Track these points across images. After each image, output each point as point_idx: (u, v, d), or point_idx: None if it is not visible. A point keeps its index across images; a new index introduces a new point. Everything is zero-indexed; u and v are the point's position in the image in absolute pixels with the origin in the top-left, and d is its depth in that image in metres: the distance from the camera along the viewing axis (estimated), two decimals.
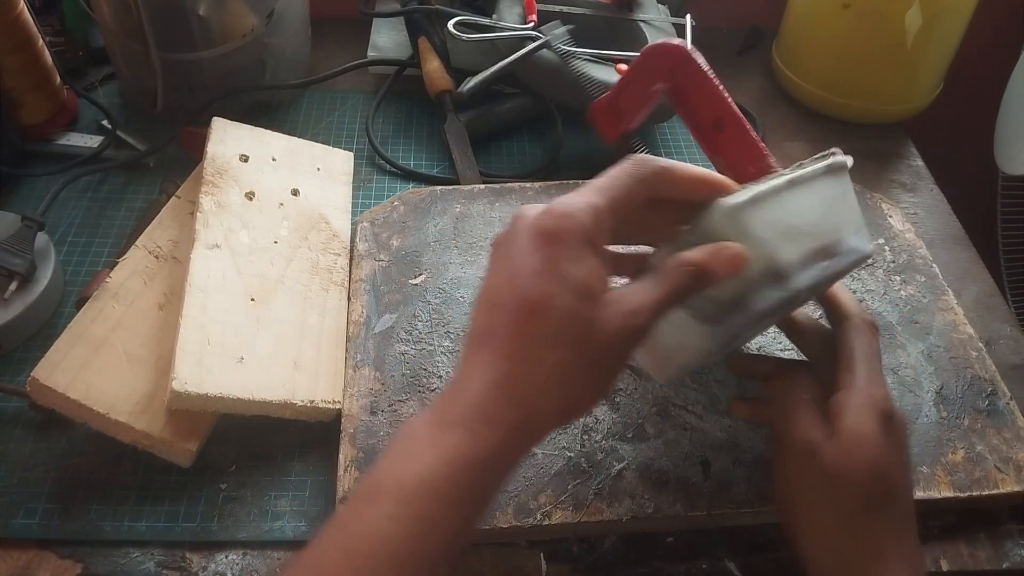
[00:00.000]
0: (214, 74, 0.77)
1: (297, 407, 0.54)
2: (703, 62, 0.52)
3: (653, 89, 0.52)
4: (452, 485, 0.36)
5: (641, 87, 0.52)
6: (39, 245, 0.64)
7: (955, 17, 0.80)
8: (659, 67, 0.51)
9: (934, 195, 0.80)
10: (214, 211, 0.62)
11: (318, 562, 0.35)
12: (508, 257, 0.41)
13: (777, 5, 0.90)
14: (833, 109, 0.86)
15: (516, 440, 0.38)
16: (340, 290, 0.63)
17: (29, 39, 0.72)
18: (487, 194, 0.71)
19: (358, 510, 0.36)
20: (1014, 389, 0.59)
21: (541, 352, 0.38)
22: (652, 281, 0.41)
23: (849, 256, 0.47)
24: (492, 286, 0.41)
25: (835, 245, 0.46)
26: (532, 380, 0.38)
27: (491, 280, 0.41)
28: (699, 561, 0.52)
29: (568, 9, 0.82)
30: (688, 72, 0.50)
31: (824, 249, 0.45)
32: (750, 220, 0.42)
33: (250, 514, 0.53)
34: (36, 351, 0.55)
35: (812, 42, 0.85)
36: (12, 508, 0.52)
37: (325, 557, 0.35)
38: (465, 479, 0.36)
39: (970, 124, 0.96)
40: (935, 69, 0.84)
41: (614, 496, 0.51)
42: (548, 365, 0.38)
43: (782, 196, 0.44)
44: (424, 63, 0.82)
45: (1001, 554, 0.52)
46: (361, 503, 0.36)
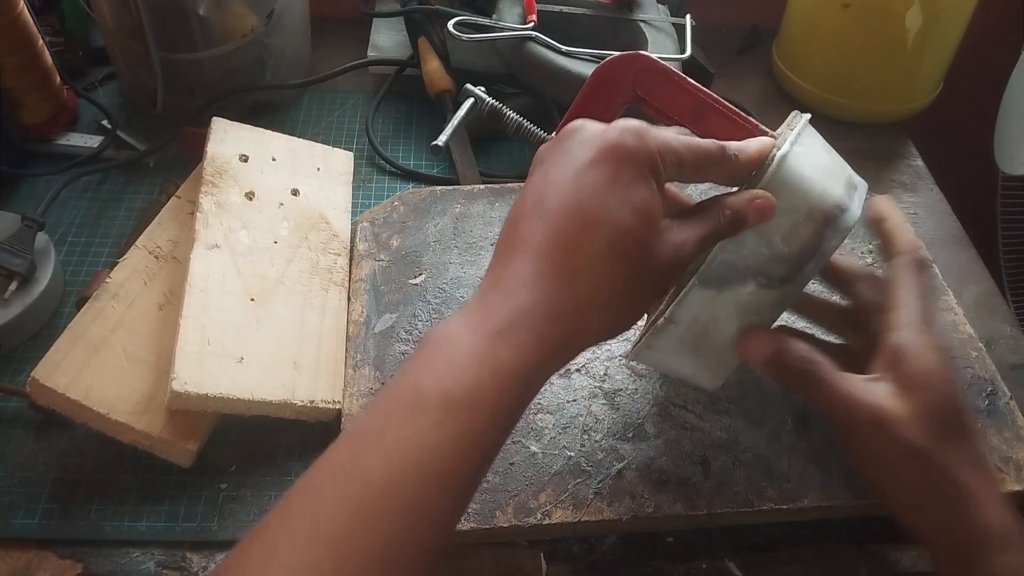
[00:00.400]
0: (214, 74, 0.77)
1: (297, 407, 0.54)
2: (656, 63, 0.50)
3: (617, 104, 0.50)
4: (498, 398, 0.35)
5: (603, 105, 0.50)
6: (39, 245, 0.64)
7: (955, 17, 0.80)
8: (621, 81, 0.49)
9: (934, 195, 0.80)
10: (214, 211, 0.62)
11: (358, 469, 0.34)
12: (568, 164, 0.39)
13: (777, 5, 0.90)
14: (833, 109, 0.86)
15: (560, 355, 0.38)
16: (340, 290, 0.63)
17: (29, 39, 0.72)
18: (487, 194, 0.71)
19: (399, 418, 0.35)
20: (1014, 389, 0.58)
21: (595, 267, 0.37)
22: (697, 219, 0.42)
23: (861, 190, 0.47)
24: (545, 190, 0.39)
25: (851, 178, 0.47)
26: (584, 297, 0.37)
27: (542, 184, 0.40)
28: (699, 561, 0.52)
29: (568, 9, 0.82)
30: (653, 77, 0.48)
31: (849, 182, 0.46)
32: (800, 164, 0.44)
33: (250, 514, 0.53)
34: (36, 351, 0.55)
35: (812, 42, 0.85)
36: (12, 508, 0.52)
37: (365, 463, 0.34)
38: (511, 392, 0.36)
39: (970, 124, 0.96)
40: (935, 69, 0.84)
41: (614, 496, 0.51)
42: (600, 282, 0.38)
43: (806, 142, 0.46)
44: (424, 63, 0.82)
45: None
46: (403, 411, 0.35)
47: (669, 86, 0.48)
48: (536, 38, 0.75)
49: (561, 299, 0.37)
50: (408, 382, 0.36)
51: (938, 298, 0.48)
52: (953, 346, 0.60)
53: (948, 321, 0.62)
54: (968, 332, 0.62)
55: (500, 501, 0.51)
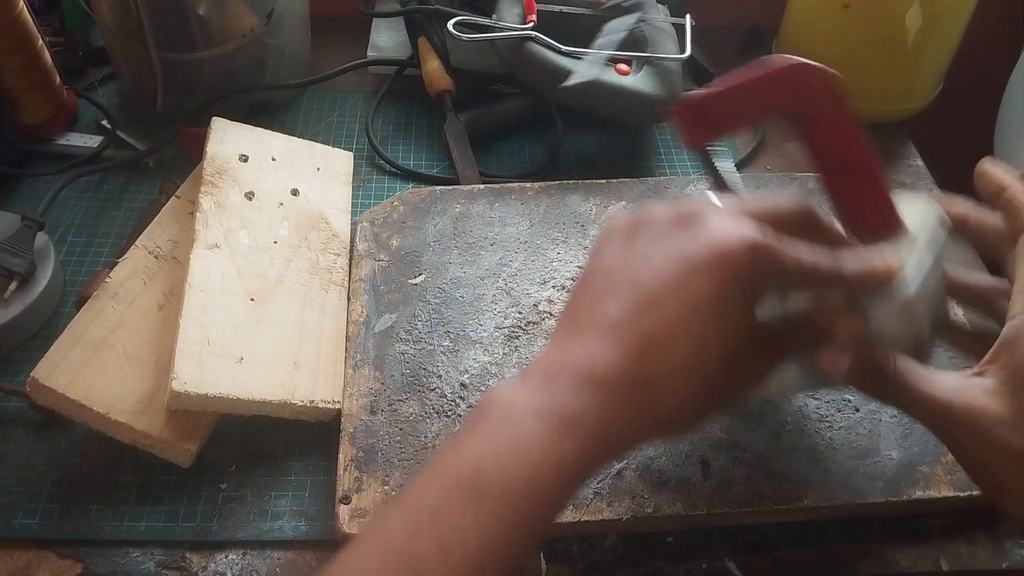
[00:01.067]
0: (214, 74, 0.77)
1: (297, 407, 0.54)
2: (843, 95, 0.44)
3: (772, 112, 0.45)
4: (558, 492, 0.35)
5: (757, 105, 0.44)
6: (39, 245, 0.64)
7: (955, 17, 0.80)
8: (792, 94, 0.43)
9: (934, 195, 0.79)
10: (214, 211, 0.62)
11: (413, 553, 0.33)
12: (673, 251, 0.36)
13: (777, 5, 0.90)
14: None
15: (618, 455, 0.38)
16: (340, 290, 0.63)
17: (29, 39, 0.72)
18: (487, 194, 0.71)
19: (457, 502, 0.34)
20: None
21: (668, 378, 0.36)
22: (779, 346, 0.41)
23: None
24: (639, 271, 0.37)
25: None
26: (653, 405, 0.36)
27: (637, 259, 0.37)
28: (699, 561, 0.52)
29: (568, 9, 0.82)
30: (828, 107, 0.42)
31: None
32: (919, 297, 0.42)
33: (250, 514, 0.53)
34: (36, 351, 0.55)
35: (812, 42, 0.85)
36: (12, 508, 0.52)
37: (420, 547, 0.33)
38: (570, 486, 0.35)
39: (970, 124, 0.96)
40: (935, 69, 0.84)
41: (614, 495, 0.51)
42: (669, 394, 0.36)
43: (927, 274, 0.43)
44: (424, 63, 0.82)
45: (1001, 554, 0.52)
46: (461, 494, 0.34)
47: (843, 125, 0.43)
48: (536, 38, 0.75)
49: (631, 405, 0.35)
50: (467, 460, 0.34)
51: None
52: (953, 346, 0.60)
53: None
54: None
55: None
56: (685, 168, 0.80)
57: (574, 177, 0.73)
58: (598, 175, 0.74)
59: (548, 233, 0.67)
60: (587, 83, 0.73)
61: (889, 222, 0.44)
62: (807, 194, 0.72)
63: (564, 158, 0.80)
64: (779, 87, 0.43)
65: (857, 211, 0.44)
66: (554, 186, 0.71)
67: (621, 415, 0.35)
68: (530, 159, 0.80)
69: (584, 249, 0.66)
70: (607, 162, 0.80)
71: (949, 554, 0.53)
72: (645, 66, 0.77)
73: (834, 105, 0.42)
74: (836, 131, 0.42)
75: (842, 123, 0.42)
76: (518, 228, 0.68)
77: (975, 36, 0.84)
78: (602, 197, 0.71)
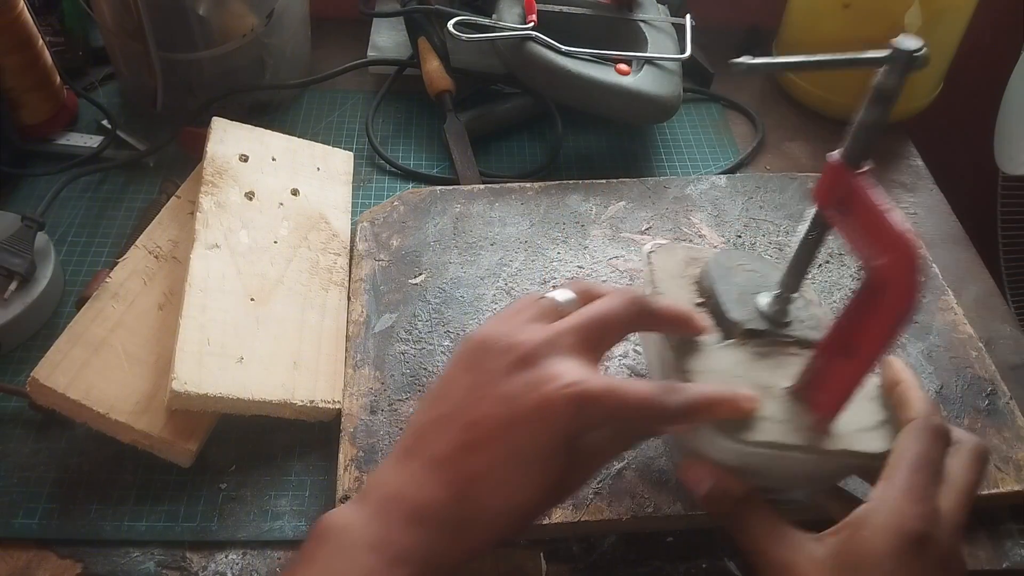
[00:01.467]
0: (214, 74, 0.77)
1: (297, 407, 0.54)
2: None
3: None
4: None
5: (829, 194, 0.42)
6: (39, 245, 0.64)
7: (955, 17, 0.80)
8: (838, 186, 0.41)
9: (934, 195, 0.80)
10: (214, 211, 0.62)
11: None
12: (487, 384, 0.39)
13: (777, 5, 0.90)
14: (833, 109, 0.86)
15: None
16: (340, 290, 0.63)
17: (29, 39, 0.72)
18: (487, 194, 0.71)
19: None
20: (1014, 389, 0.59)
21: (495, 514, 0.38)
22: (623, 425, 0.42)
23: None
24: (461, 403, 0.39)
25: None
26: (487, 526, 0.38)
27: (460, 395, 0.40)
28: (699, 561, 0.52)
29: (568, 9, 0.82)
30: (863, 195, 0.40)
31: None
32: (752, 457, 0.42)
33: (250, 514, 0.53)
34: (36, 351, 0.55)
35: (812, 42, 0.85)
36: (12, 508, 0.52)
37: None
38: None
39: (970, 124, 0.96)
40: (935, 69, 0.84)
41: (614, 495, 0.51)
42: (505, 515, 0.38)
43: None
44: (424, 63, 0.82)
45: (1001, 554, 0.52)
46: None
47: (891, 314, 0.39)
48: (536, 38, 0.75)
49: (458, 539, 0.38)
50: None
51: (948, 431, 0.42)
52: (953, 346, 0.60)
53: (948, 321, 0.62)
54: (968, 332, 0.62)
55: None
56: (685, 168, 0.80)
57: (574, 177, 0.73)
58: (598, 175, 0.74)
59: (548, 233, 0.67)
60: (587, 82, 0.73)
61: (828, 411, 0.43)
62: (806, 193, 0.72)
63: (564, 158, 0.80)
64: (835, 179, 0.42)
65: (820, 380, 0.43)
66: (554, 186, 0.71)
67: (449, 548, 0.38)
68: (530, 159, 0.80)
69: (584, 249, 0.66)
70: (607, 162, 0.80)
71: None
72: (645, 66, 0.77)
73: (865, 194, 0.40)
74: (885, 317, 0.40)
75: (891, 318, 0.40)
76: (518, 228, 0.68)
77: (975, 36, 0.84)
78: (602, 197, 0.71)
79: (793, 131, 0.85)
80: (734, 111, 0.87)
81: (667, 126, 0.84)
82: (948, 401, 0.57)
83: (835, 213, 0.42)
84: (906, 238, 0.37)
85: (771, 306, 0.47)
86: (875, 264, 0.39)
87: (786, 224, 0.69)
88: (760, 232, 0.68)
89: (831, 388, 0.42)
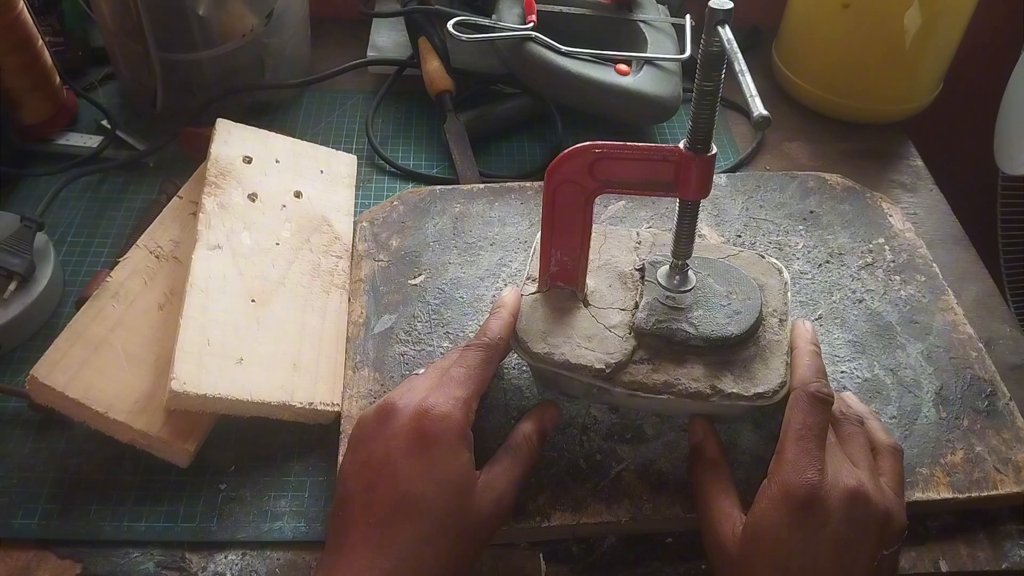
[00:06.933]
0: (214, 74, 0.77)
1: (296, 409, 0.54)
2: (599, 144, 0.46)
3: (582, 202, 0.49)
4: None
5: (571, 210, 0.49)
6: (38, 245, 0.64)
7: (955, 17, 0.80)
8: (577, 179, 0.48)
9: (934, 195, 0.80)
10: (216, 212, 0.62)
11: None
12: (385, 454, 0.44)
13: (777, 5, 0.90)
14: (833, 109, 0.86)
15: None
16: (341, 292, 0.63)
17: (29, 39, 0.72)
18: (486, 194, 0.71)
19: None
20: (1014, 389, 0.58)
21: (423, 550, 0.42)
22: (509, 460, 0.47)
23: None
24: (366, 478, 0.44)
25: None
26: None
27: (364, 470, 0.44)
28: (698, 561, 0.52)
29: (568, 9, 0.82)
30: (606, 163, 0.47)
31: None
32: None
33: (249, 514, 0.53)
34: (35, 351, 0.55)
35: (812, 42, 0.85)
36: (12, 508, 0.52)
37: None
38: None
39: (970, 124, 0.96)
40: (935, 69, 0.84)
41: (613, 497, 0.51)
42: (429, 560, 0.42)
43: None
44: (424, 63, 0.82)
45: (1000, 554, 0.52)
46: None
47: (626, 162, 0.47)
48: (536, 38, 0.75)
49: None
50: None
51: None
52: (953, 346, 0.60)
53: (948, 321, 0.62)
54: (968, 332, 0.62)
55: None
56: None
57: None
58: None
59: None
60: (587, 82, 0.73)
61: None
62: (806, 192, 0.72)
63: None
64: (564, 185, 0.48)
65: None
66: None
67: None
68: (530, 159, 0.80)
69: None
70: None
71: (948, 555, 0.52)
72: (645, 66, 0.77)
73: (607, 160, 0.47)
74: (626, 171, 0.48)
75: (623, 161, 0.47)
76: (518, 228, 0.68)
77: (975, 36, 0.84)
78: (602, 197, 0.70)
79: (793, 131, 0.85)
80: (734, 111, 0.87)
81: (667, 126, 0.84)
82: (948, 402, 0.57)
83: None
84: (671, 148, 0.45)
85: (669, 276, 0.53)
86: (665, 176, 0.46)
87: (786, 223, 0.69)
88: (760, 231, 0.68)
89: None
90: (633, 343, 0.50)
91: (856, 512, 0.43)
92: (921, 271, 0.66)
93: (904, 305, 0.63)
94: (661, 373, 0.49)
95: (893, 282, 0.65)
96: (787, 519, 0.42)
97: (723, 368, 0.50)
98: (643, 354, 0.50)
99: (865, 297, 0.64)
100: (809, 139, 0.84)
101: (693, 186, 0.47)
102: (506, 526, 0.49)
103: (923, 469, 0.53)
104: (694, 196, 0.48)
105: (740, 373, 0.49)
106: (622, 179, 0.47)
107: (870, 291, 0.64)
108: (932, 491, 0.52)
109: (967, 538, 0.53)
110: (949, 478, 0.53)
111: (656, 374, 0.49)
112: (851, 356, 0.59)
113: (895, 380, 0.58)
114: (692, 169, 0.46)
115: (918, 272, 0.66)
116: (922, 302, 0.64)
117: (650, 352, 0.50)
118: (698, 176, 0.46)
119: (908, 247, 0.68)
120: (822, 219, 0.70)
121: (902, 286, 0.65)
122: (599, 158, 0.46)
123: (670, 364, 0.50)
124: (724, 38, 0.42)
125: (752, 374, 0.49)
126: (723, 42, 0.42)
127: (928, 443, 0.55)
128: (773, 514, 0.43)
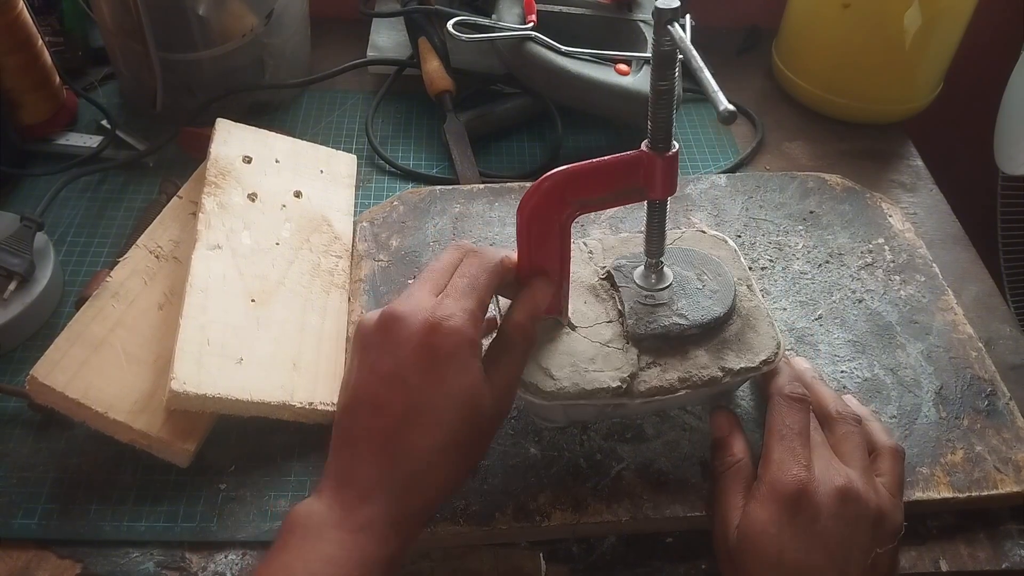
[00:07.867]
0: (214, 74, 0.77)
1: (295, 409, 0.54)
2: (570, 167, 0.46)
3: (559, 224, 0.47)
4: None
5: (545, 236, 0.48)
6: (38, 245, 0.64)
7: (955, 17, 0.80)
8: (553, 205, 0.47)
9: (934, 195, 0.80)
10: (216, 212, 0.62)
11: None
12: (393, 364, 0.43)
13: (777, 5, 0.90)
14: (833, 109, 0.86)
15: (417, 535, 0.44)
16: (341, 292, 0.63)
17: (29, 39, 0.72)
18: (486, 194, 0.71)
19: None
20: (1014, 389, 0.58)
21: (436, 459, 0.42)
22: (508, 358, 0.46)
23: None
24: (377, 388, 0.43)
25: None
26: (430, 485, 0.43)
27: (372, 378, 0.43)
28: (698, 561, 0.52)
29: (568, 9, 0.82)
30: (579, 182, 0.46)
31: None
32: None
33: (249, 514, 0.53)
34: (35, 351, 0.55)
35: (812, 42, 0.85)
36: (12, 508, 0.52)
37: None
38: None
39: (970, 124, 0.96)
40: (935, 69, 0.84)
41: (613, 497, 0.51)
42: (442, 470, 0.43)
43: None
44: (424, 63, 0.82)
45: (1001, 554, 0.52)
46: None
47: (597, 180, 0.47)
48: (536, 38, 0.75)
49: (415, 491, 0.42)
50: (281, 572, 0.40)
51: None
52: (953, 346, 0.60)
53: (948, 321, 0.62)
54: (968, 332, 0.62)
55: (499, 502, 0.51)
56: (685, 168, 0.80)
57: None
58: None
59: None
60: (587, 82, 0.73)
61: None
62: (806, 192, 0.72)
63: (564, 158, 0.79)
64: (538, 215, 0.47)
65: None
66: None
67: (403, 507, 0.42)
68: (530, 159, 0.80)
69: (583, 249, 0.66)
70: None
71: (949, 555, 0.52)
72: (645, 66, 0.77)
73: (578, 179, 0.47)
74: (599, 188, 0.47)
75: (596, 178, 0.47)
76: None
77: (975, 36, 0.84)
78: None
79: (793, 131, 0.85)
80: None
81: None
82: (948, 401, 0.57)
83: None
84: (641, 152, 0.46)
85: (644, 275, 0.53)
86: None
87: (786, 223, 0.69)
88: (760, 231, 0.68)
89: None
90: (635, 351, 0.50)
91: (846, 509, 0.44)
92: (921, 271, 0.66)
93: (904, 305, 0.63)
94: (671, 371, 0.49)
95: (893, 282, 0.65)
96: (777, 515, 0.44)
97: (722, 348, 0.50)
98: (648, 358, 0.50)
99: (865, 297, 0.64)
100: (809, 139, 0.84)
101: (659, 185, 0.47)
102: (505, 525, 0.49)
103: (923, 469, 0.53)
104: (661, 194, 0.48)
105: (739, 347, 0.50)
106: (596, 196, 0.47)
107: (870, 291, 0.64)
108: (932, 491, 0.52)
109: (967, 538, 0.53)
110: (949, 478, 0.53)
111: (667, 373, 0.49)
112: (851, 356, 0.59)
113: (895, 380, 0.58)
114: (656, 168, 0.46)
115: (918, 272, 0.66)
116: (922, 302, 0.64)
117: (653, 354, 0.50)
118: (663, 175, 0.46)
119: (908, 247, 0.68)
120: (822, 219, 0.70)
121: (902, 286, 0.65)
122: (568, 181, 0.46)
123: (675, 360, 0.50)
124: (675, 37, 0.42)
125: (749, 344, 0.50)
126: (674, 41, 0.42)
127: (928, 443, 0.55)
128: (763, 511, 0.44)
